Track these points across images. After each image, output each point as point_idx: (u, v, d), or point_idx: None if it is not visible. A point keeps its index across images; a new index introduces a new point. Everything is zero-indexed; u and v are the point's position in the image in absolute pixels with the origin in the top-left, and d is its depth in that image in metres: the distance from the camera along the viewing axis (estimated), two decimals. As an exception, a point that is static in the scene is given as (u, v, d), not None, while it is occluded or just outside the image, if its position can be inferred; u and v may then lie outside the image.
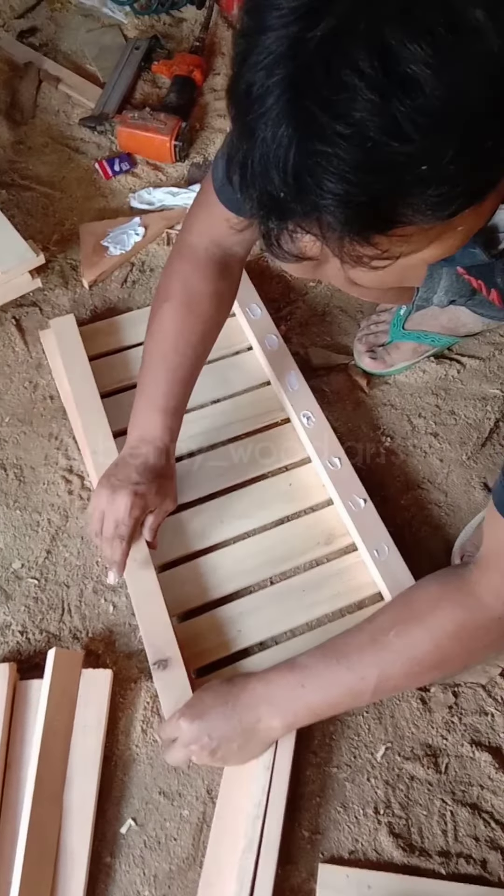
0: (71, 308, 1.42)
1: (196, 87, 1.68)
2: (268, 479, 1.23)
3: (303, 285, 1.46)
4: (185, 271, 1.08)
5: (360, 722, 1.04)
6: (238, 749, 0.92)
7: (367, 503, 1.16)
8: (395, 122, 0.48)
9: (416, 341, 1.33)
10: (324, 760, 1.01)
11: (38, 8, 1.85)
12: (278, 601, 1.11)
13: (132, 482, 1.03)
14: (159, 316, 1.09)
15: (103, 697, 1.03)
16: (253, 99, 0.52)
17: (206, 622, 1.10)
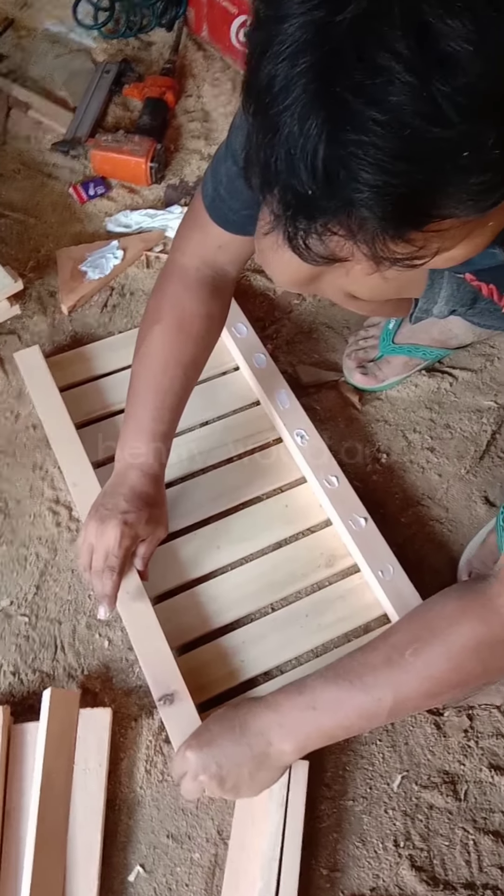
0: (50, 334, 1.39)
1: (168, 108, 1.67)
2: (263, 502, 1.20)
3: (287, 303, 1.45)
4: (176, 292, 1.06)
5: (374, 751, 1.00)
6: (249, 777, 0.88)
7: (367, 522, 1.13)
8: (435, 105, 0.46)
9: (408, 355, 1.31)
10: (338, 793, 0.97)
11: (3, 36, 1.84)
12: (281, 628, 1.08)
13: (121, 511, 1.00)
14: (149, 338, 1.06)
15: (104, 738, 0.99)
16: (276, 92, 0.50)
17: (208, 653, 1.06)
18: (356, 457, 1.26)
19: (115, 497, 1.02)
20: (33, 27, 1.87)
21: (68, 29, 1.84)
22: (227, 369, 1.34)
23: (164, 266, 1.09)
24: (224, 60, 1.79)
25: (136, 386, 1.06)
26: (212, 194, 0.96)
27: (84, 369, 1.33)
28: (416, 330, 1.31)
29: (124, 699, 1.04)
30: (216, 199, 0.96)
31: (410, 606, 1.05)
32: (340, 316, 1.43)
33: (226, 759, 0.88)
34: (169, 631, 1.05)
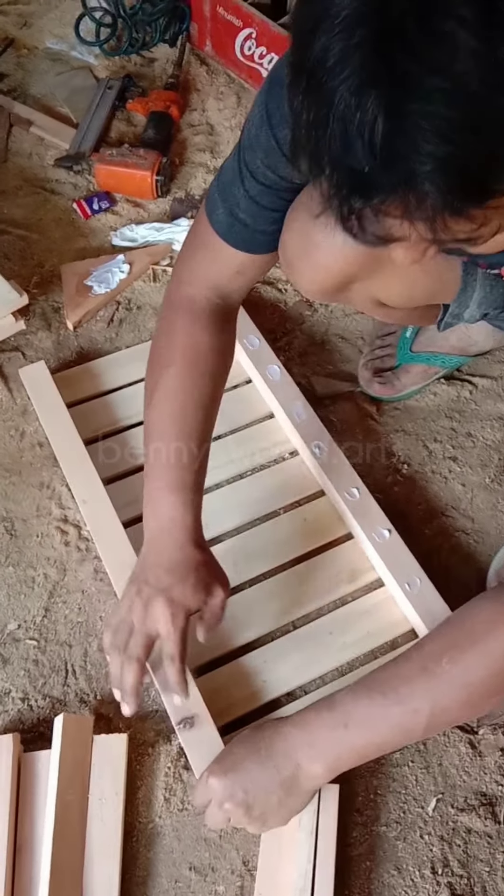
0: (55, 351, 1.37)
1: (173, 122, 1.67)
2: (280, 517, 1.17)
3: (299, 314, 1.43)
4: (187, 328, 0.98)
5: (407, 773, 0.96)
6: (278, 804, 0.84)
7: (391, 534, 1.10)
8: (501, 71, 0.45)
9: (426, 363, 1.29)
10: (370, 819, 0.93)
11: (3, 55, 1.84)
12: (304, 646, 1.05)
13: (162, 588, 0.88)
14: (162, 382, 0.96)
15: (119, 765, 0.95)
16: (331, 66, 0.48)
17: (227, 674, 1.03)
18: (375, 468, 1.23)
19: (156, 570, 0.90)
20: (34, 46, 1.87)
21: (70, 47, 1.85)
22: (238, 382, 1.32)
23: (167, 298, 1.02)
24: (228, 74, 1.79)
25: (155, 435, 0.95)
26: (227, 220, 0.91)
27: (91, 385, 1.31)
28: (435, 337, 1.29)
29: (140, 725, 1.01)
30: (234, 225, 0.91)
31: (440, 620, 1.01)
32: (354, 326, 1.41)
33: (252, 785, 0.84)
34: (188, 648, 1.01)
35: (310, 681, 1.03)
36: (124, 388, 1.31)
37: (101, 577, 1.12)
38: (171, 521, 0.92)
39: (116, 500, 1.15)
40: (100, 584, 1.12)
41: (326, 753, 0.83)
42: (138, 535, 1.10)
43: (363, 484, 1.15)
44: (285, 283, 1.46)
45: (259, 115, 0.81)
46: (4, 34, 1.89)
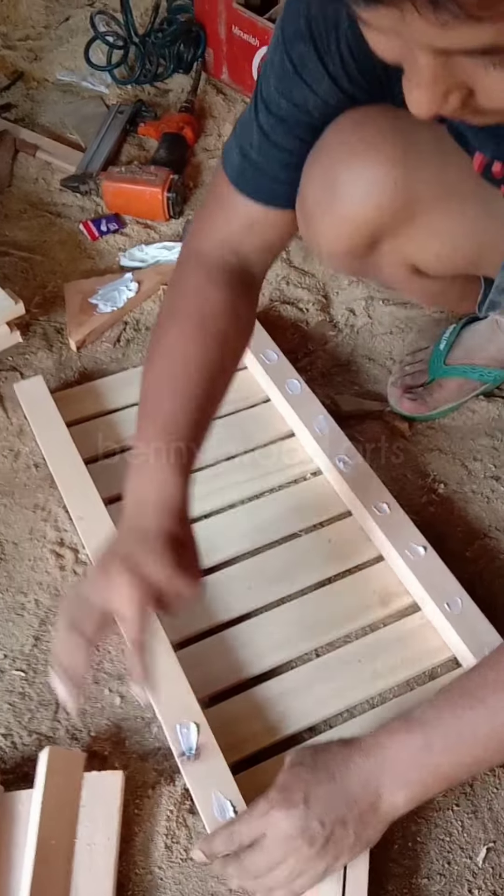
0: (56, 371, 1.34)
1: (188, 144, 1.68)
2: (301, 538, 1.11)
3: (321, 334, 1.40)
4: (197, 284, 0.92)
5: (451, 818, 0.87)
6: (355, 837, 0.75)
7: (427, 550, 1.04)
8: None
9: (462, 377, 1.24)
10: (409, 870, 0.84)
11: (12, 88, 1.89)
12: (328, 676, 0.97)
13: (129, 559, 0.77)
14: (164, 341, 0.91)
15: (113, 806, 0.87)
16: None
17: (240, 706, 0.95)
18: (408, 488, 1.17)
19: (126, 541, 0.81)
20: (44, 78, 1.92)
21: (81, 78, 1.89)
22: (256, 401, 1.28)
23: (180, 255, 0.99)
24: (246, 102, 1.82)
25: (150, 397, 0.89)
26: (239, 163, 0.89)
27: (94, 404, 1.27)
28: (472, 349, 1.25)
29: (139, 764, 0.93)
30: (246, 168, 0.89)
31: (485, 644, 0.94)
32: (382, 347, 1.38)
33: (329, 817, 0.75)
34: (194, 681, 0.94)
35: (336, 713, 0.95)
36: (131, 406, 1.27)
37: (99, 603, 1.06)
38: (154, 490, 0.82)
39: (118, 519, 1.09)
40: (97, 611, 1.05)
41: (410, 781, 0.75)
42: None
43: (393, 499, 1.09)
44: (306, 303, 1.43)
45: (274, 40, 0.80)
46: (14, 68, 1.94)
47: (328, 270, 1.48)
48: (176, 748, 0.88)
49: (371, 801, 0.75)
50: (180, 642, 1.00)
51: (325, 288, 1.47)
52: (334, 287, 1.46)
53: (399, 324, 1.41)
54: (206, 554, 1.07)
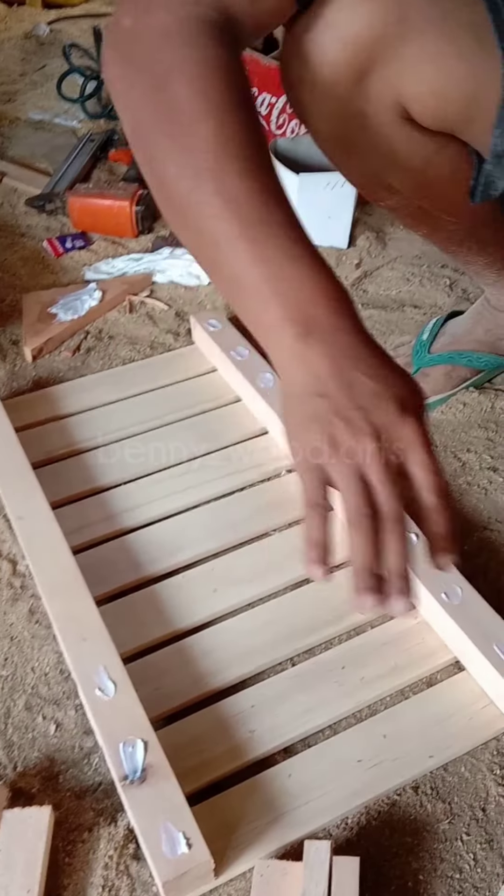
0: (8, 380, 1.17)
1: (157, 165, 1.54)
2: (274, 536, 0.92)
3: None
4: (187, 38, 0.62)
5: (461, 851, 0.65)
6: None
7: (419, 538, 0.83)
8: None
9: (449, 363, 1.07)
10: (411, 920, 0.62)
11: (-16, 127, 1.77)
12: (308, 686, 0.77)
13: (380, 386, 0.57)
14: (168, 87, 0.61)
15: (37, 852, 0.65)
16: None
17: (201, 725, 0.74)
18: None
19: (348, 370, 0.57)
20: (16, 117, 1.80)
21: (53, 115, 1.78)
22: (225, 402, 1.10)
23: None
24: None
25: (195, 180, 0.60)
26: None
27: (46, 410, 1.10)
28: (457, 335, 1.08)
29: (75, 803, 0.71)
30: None
31: (493, 639, 0.74)
32: (363, 348, 1.20)
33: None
34: (146, 696, 0.73)
35: (315, 730, 0.74)
36: (86, 412, 1.09)
37: (39, 619, 0.86)
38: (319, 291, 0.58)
39: (66, 523, 0.90)
40: (35, 627, 0.85)
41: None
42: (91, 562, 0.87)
43: (379, 486, 0.90)
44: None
45: None
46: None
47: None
48: (118, 772, 0.67)
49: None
50: (132, 654, 0.80)
51: (300, 294, 1.30)
52: (311, 292, 1.30)
53: (380, 327, 1.24)
54: (167, 557, 0.89)
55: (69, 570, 0.84)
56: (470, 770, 0.71)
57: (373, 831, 0.67)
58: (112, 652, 0.76)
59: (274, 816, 0.67)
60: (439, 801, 0.69)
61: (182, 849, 0.62)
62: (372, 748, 0.72)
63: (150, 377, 1.14)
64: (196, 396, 1.11)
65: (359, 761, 0.71)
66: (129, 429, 1.06)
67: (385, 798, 0.70)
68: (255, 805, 0.68)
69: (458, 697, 0.75)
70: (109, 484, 0.99)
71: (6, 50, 2.09)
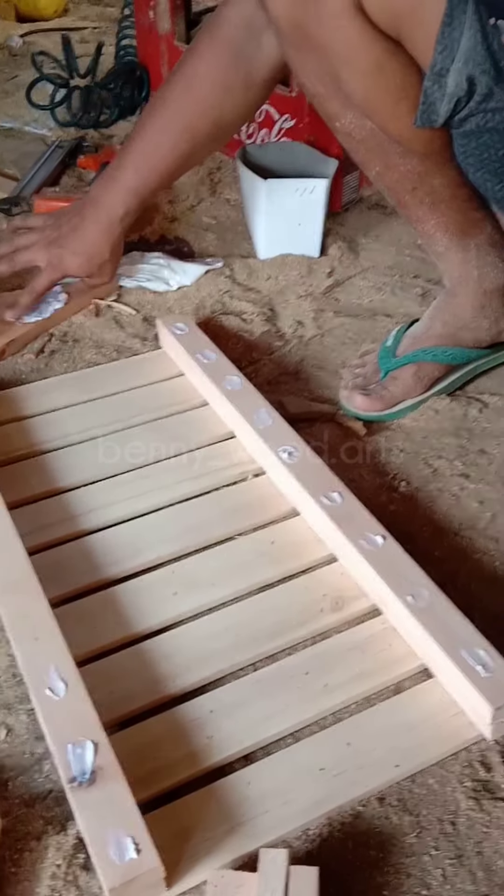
0: (-31, 382, 1.14)
1: (127, 172, 1.53)
2: (239, 539, 0.90)
3: (267, 344, 1.21)
4: (199, 46, 1.05)
5: (428, 866, 0.62)
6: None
7: (386, 540, 0.82)
8: None
9: (414, 361, 1.06)
10: (374, 936, 0.59)
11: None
12: (269, 692, 0.74)
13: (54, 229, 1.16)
14: (157, 92, 1.11)
15: (-21, 861, 0.61)
16: None
17: (157, 730, 0.71)
18: (365, 486, 0.96)
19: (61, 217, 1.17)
20: (-16, 125, 1.79)
21: (23, 123, 1.76)
22: (191, 405, 1.08)
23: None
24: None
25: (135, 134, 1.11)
26: None
27: (6, 411, 1.07)
28: (419, 335, 1.08)
29: (23, 811, 0.68)
30: None
31: (461, 644, 0.72)
32: (333, 356, 1.19)
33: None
34: (100, 699, 0.70)
35: (276, 736, 0.71)
36: (48, 413, 1.07)
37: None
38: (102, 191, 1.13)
39: (23, 524, 0.87)
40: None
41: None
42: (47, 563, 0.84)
43: (346, 488, 0.88)
44: (251, 315, 1.25)
45: None
46: (-45, 117, 1.80)
47: (274, 286, 1.31)
48: (66, 773, 0.63)
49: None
50: (87, 657, 0.76)
51: (271, 302, 1.29)
52: (280, 301, 1.29)
53: (351, 335, 1.23)
54: (126, 559, 0.86)
55: (22, 569, 0.80)
56: (439, 781, 0.69)
57: (335, 843, 0.64)
58: (64, 652, 0.72)
59: (231, 825, 0.64)
60: (406, 814, 0.66)
61: (130, 854, 0.58)
62: (335, 756, 0.69)
63: (115, 380, 1.12)
64: (162, 400, 1.08)
65: (321, 770, 0.68)
66: (92, 431, 1.03)
67: (349, 809, 0.66)
68: (211, 813, 0.65)
69: (426, 706, 0.73)
70: (70, 486, 0.96)
71: (-22, 60, 2.09)
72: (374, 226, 1.45)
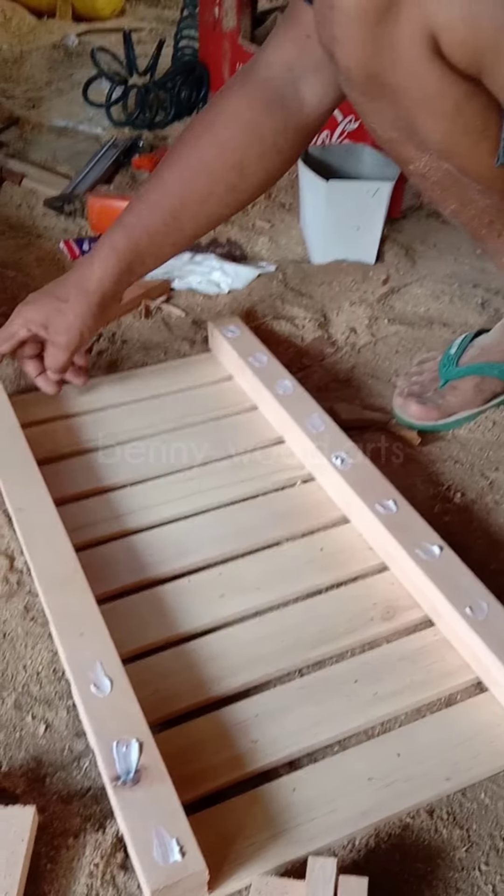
0: (16, 378, 1.16)
1: (182, 173, 1.55)
2: (287, 544, 0.90)
3: (318, 351, 1.22)
4: (230, 87, 0.98)
5: (479, 881, 0.62)
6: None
7: (444, 550, 0.82)
8: None
9: (479, 374, 1.06)
10: None
11: (7, 131, 1.79)
12: (316, 699, 0.74)
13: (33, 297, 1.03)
14: (179, 136, 1.01)
15: (18, 854, 0.63)
16: None
17: (201, 730, 0.72)
18: (418, 496, 0.96)
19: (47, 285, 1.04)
20: (40, 123, 1.83)
21: (77, 122, 1.80)
22: (241, 409, 1.09)
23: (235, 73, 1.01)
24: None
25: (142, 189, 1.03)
26: None
27: (53, 408, 1.09)
28: (487, 346, 1.07)
29: (60, 807, 0.69)
30: None
31: (518, 658, 0.72)
32: (386, 365, 1.20)
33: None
34: (144, 699, 0.71)
35: (323, 744, 0.71)
36: (95, 412, 1.08)
37: (35, 616, 0.84)
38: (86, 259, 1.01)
39: (68, 520, 0.89)
40: (30, 624, 0.83)
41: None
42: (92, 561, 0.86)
43: (401, 496, 0.88)
44: (302, 320, 1.27)
45: None
46: (9, 113, 1.85)
47: (328, 292, 1.32)
48: (109, 772, 0.64)
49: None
50: (131, 655, 0.77)
51: (323, 308, 1.30)
52: (333, 307, 1.30)
53: (406, 344, 1.23)
54: (172, 560, 0.88)
55: (69, 564, 0.82)
56: (490, 797, 0.68)
57: (382, 855, 0.64)
58: (110, 649, 0.73)
59: (276, 831, 0.64)
60: (456, 828, 0.66)
61: (175, 856, 0.59)
62: (384, 766, 0.69)
63: (163, 382, 1.13)
64: (210, 402, 1.10)
65: (369, 779, 0.68)
66: (139, 431, 1.05)
67: (397, 820, 0.67)
68: (255, 818, 0.65)
69: (479, 719, 0.73)
70: (115, 485, 0.98)
71: (33, 59, 2.14)
72: (432, 234, 1.46)
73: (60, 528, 0.86)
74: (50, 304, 1.00)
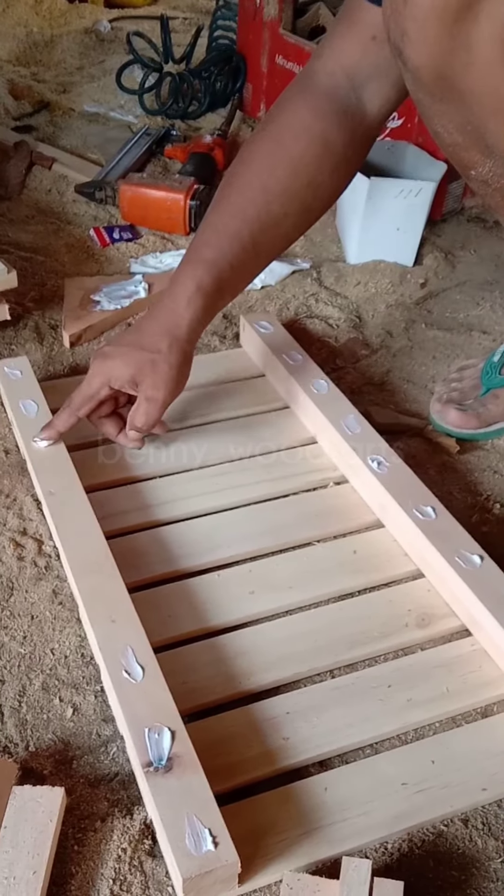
0: (44, 364, 1.18)
1: (216, 165, 1.58)
2: (319, 545, 0.92)
3: (352, 352, 1.24)
4: (290, 98, 0.95)
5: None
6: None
7: (485, 561, 0.84)
8: None
9: (523, 383, 1.08)
10: None
11: (37, 115, 1.81)
12: (347, 700, 0.76)
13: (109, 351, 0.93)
14: (241, 150, 0.98)
15: (46, 833, 0.64)
16: None
17: (231, 724, 0.74)
18: (455, 505, 0.98)
19: (128, 333, 0.96)
20: (70, 108, 1.85)
21: (108, 109, 1.82)
22: (274, 407, 1.11)
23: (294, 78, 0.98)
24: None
25: (211, 207, 0.97)
26: None
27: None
28: (533, 358, 1.09)
29: (87, 791, 0.70)
30: None
31: None
32: (423, 370, 1.21)
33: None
34: (175, 687, 0.73)
35: (355, 746, 0.73)
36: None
37: (62, 600, 0.86)
38: (170, 298, 0.92)
39: (98, 508, 0.91)
40: (58, 608, 0.85)
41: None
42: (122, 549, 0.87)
43: (440, 503, 0.90)
44: (337, 320, 1.29)
45: None
46: (40, 97, 1.87)
47: (363, 293, 1.34)
48: (141, 758, 0.66)
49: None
50: (161, 645, 0.79)
51: (358, 309, 1.32)
52: (369, 309, 1.32)
53: (444, 349, 1.25)
54: (202, 553, 0.90)
55: (100, 550, 0.84)
56: (526, 810, 0.70)
57: (416, 860, 0.66)
58: (141, 636, 0.75)
59: (307, 829, 0.66)
60: (491, 838, 0.68)
61: (208, 846, 0.60)
62: (418, 772, 0.70)
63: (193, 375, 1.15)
64: (241, 399, 1.11)
65: (403, 784, 0.69)
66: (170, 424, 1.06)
67: (430, 827, 0.68)
68: (287, 815, 0.67)
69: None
70: (145, 476, 1.00)
71: (64, 43, 2.16)
72: (472, 239, 1.48)
73: (91, 514, 0.88)
74: (138, 357, 0.91)
